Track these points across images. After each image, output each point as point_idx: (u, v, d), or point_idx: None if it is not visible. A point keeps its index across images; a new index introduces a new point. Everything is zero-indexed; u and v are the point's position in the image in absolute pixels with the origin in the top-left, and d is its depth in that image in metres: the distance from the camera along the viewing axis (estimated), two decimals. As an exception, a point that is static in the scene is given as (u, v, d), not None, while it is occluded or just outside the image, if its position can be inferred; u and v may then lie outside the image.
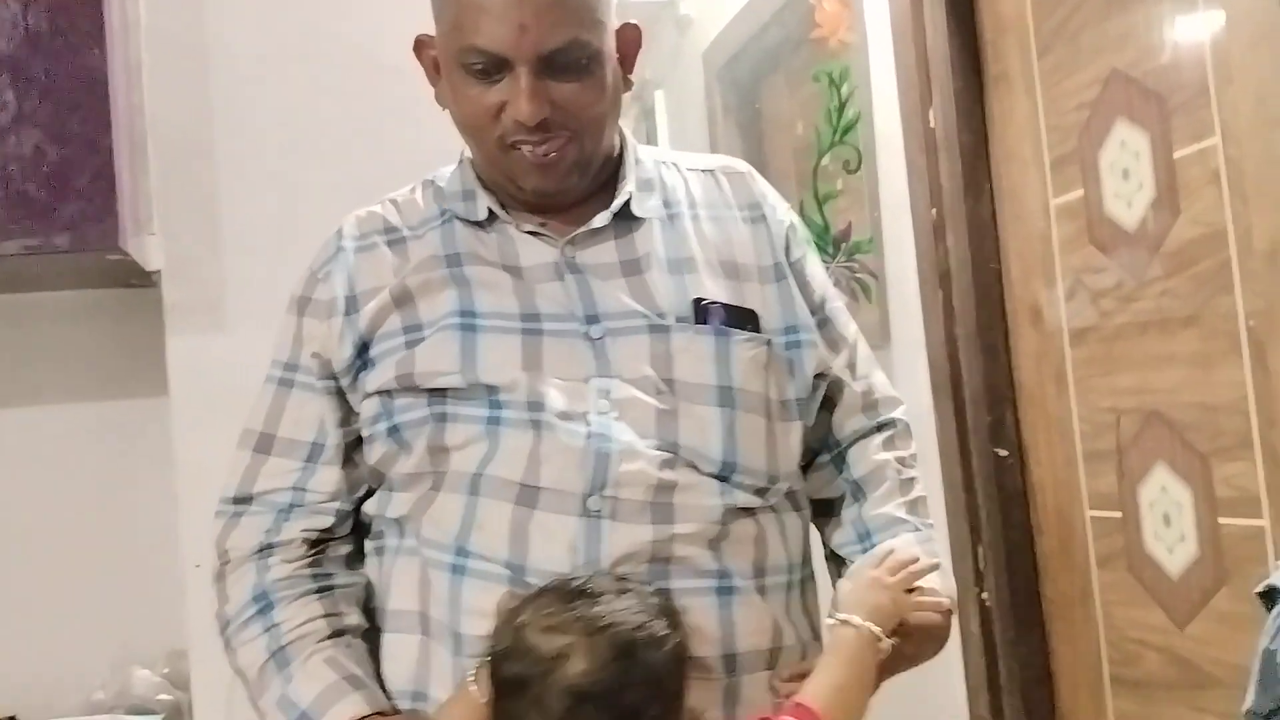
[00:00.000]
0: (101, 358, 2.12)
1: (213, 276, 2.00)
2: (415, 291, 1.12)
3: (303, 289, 1.19)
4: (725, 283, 1.14)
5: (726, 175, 1.23)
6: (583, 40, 1.06)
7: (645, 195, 1.17)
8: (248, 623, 1.10)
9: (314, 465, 1.14)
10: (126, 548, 2.10)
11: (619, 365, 1.07)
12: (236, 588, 1.13)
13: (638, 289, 1.11)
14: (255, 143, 2.02)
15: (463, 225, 1.16)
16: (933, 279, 2.16)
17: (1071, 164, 1.85)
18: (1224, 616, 1.62)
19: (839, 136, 2.34)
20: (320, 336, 1.15)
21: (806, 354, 1.15)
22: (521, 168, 1.10)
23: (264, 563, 1.12)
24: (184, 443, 1.99)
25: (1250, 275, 1.52)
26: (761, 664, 1.05)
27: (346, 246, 1.17)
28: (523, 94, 1.04)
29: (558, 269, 1.12)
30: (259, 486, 1.15)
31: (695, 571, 1.02)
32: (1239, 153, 1.52)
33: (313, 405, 1.15)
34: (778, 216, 1.23)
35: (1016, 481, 2.06)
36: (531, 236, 1.14)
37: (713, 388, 1.08)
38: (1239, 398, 1.55)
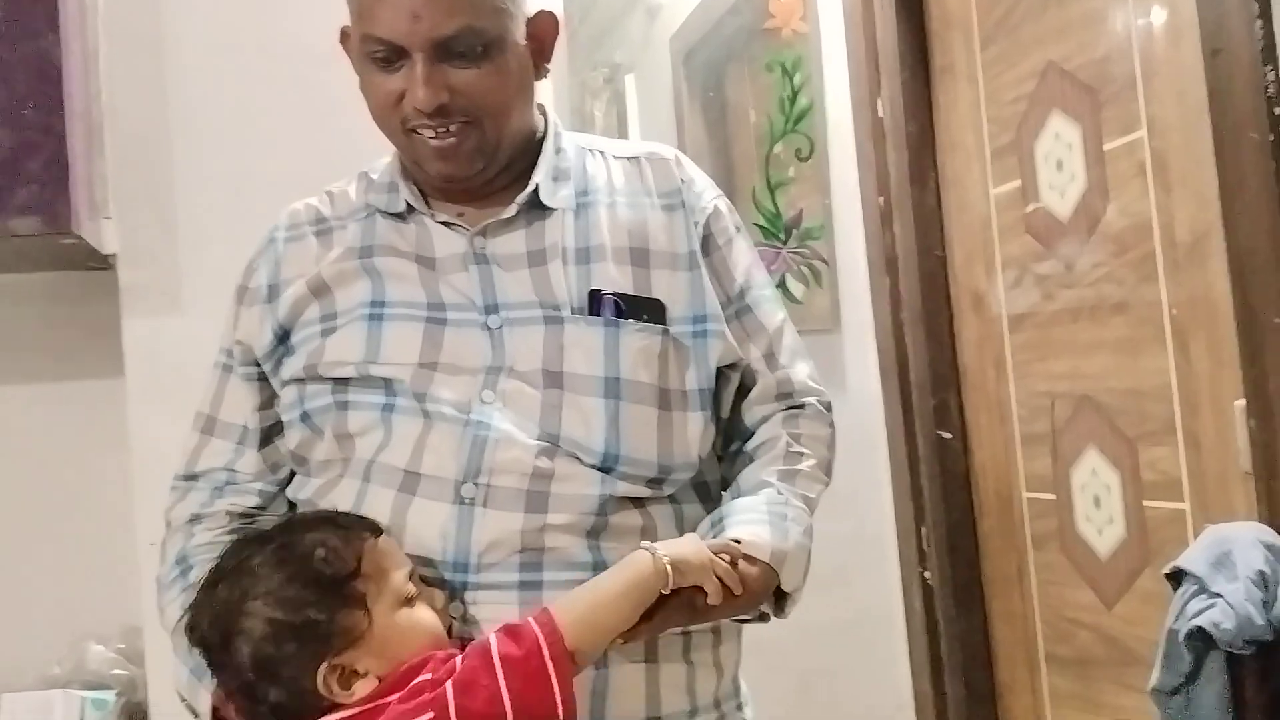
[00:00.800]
0: (58, 339, 2.13)
1: (168, 260, 2.02)
2: (331, 282, 1.15)
3: (242, 278, 1.23)
4: (633, 270, 1.14)
5: (650, 162, 1.22)
6: (477, 28, 1.07)
7: (558, 185, 1.17)
8: (170, 584, 1.16)
9: (243, 448, 1.18)
10: (82, 525, 2.12)
11: (513, 356, 1.09)
12: (167, 553, 1.19)
13: (539, 280, 1.12)
14: (211, 129, 2.03)
15: (383, 217, 1.18)
16: (880, 265, 2.20)
17: (1010, 155, 1.90)
18: (1148, 596, 1.67)
19: (791, 125, 2.37)
20: (246, 324, 1.19)
21: (712, 344, 1.14)
22: (423, 153, 1.11)
23: (190, 530, 1.17)
24: (139, 422, 2.01)
25: (1173, 266, 1.57)
26: (639, 654, 1.04)
27: (278, 237, 1.21)
28: (418, 80, 1.07)
29: (465, 259, 1.13)
30: (201, 466, 1.20)
31: (568, 564, 1.02)
32: (1163, 145, 1.56)
33: (242, 390, 1.19)
34: (700, 203, 1.20)
35: (959, 464, 2.11)
36: (445, 227, 1.16)
37: (599, 379, 1.08)
38: (1163, 384, 1.60)
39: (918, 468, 2.16)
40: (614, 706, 1.03)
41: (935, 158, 2.11)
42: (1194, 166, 1.50)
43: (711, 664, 1.10)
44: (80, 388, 2.11)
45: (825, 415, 1.21)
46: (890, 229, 2.16)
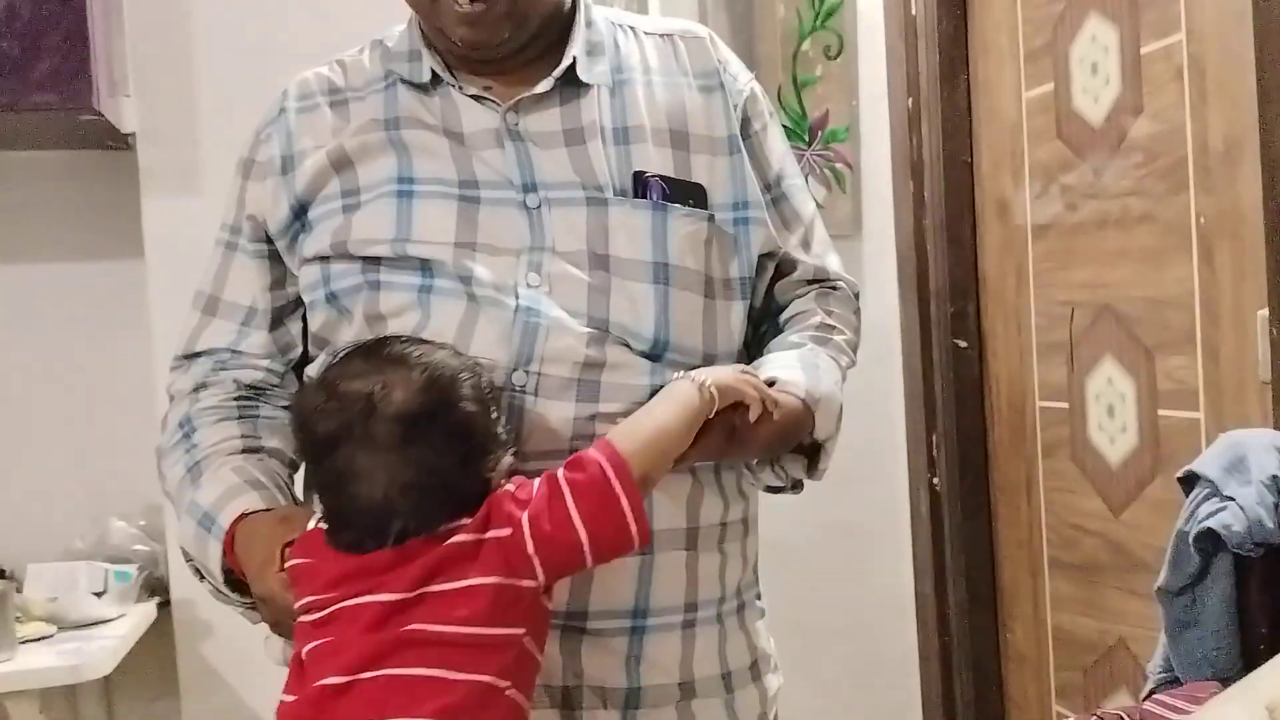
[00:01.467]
0: (78, 219, 2.14)
1: (187, 140, 2.01)
2: (353, 155, 1.09)
3: (248, 151, 1.17)
4: (673, 154, 1.10)
5: (685, 40, 1.17)
6: None
7: (593, 60, 1.12)
8: (172, 448, 1.13)
9: (248, 329, 1.14)
10: (104, 404, 2.16)
11: (554, 237, 1.05)
12: (169, 421, 1.15)
13: (579, 159, 1.08)
14: (229, 6, 2.01)
15: (406, 88, 1.12)
16: (905, 170, 2.18)
17: (1044, 57, 1.86)
18: (1157, 504, 1.68)
19: (820, 21, 2.32)
20: (257, 198, 1.14)
21: (754, 231, 1.12)
22: (450, 19, 1.06)
23: (195, 396, 1.14)
24: (159, 304, 2.02)
25: (1204, 173, 1.55)
26: (680, 542, 1.04)
27: (289, 108, 1.15)
28: None
29: (499, 135, 1.09)
30: (202, 345, 1.16)
31: None
32: (1201, 50, 1.53)
33: (249, 268, 1.14)
34: (737, 86, 1.16)
35: (974, 372, 2.11)
36: (474, 101, 1.10)
37: (647, 264, 1.05)
38: (1185, 293, 1.59)
39: (931, 376, 2.16)
40: (658, 592, 1.03)
41: (967, 59, 2.07)
42: (1232, 72, 1.47)
43: (739, 554, 1.11)
44: (100, 268, 2.12)
45: (854, 302, 1.20)
46: (917, 132, 2.14)
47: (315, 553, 0.95)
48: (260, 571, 1.00)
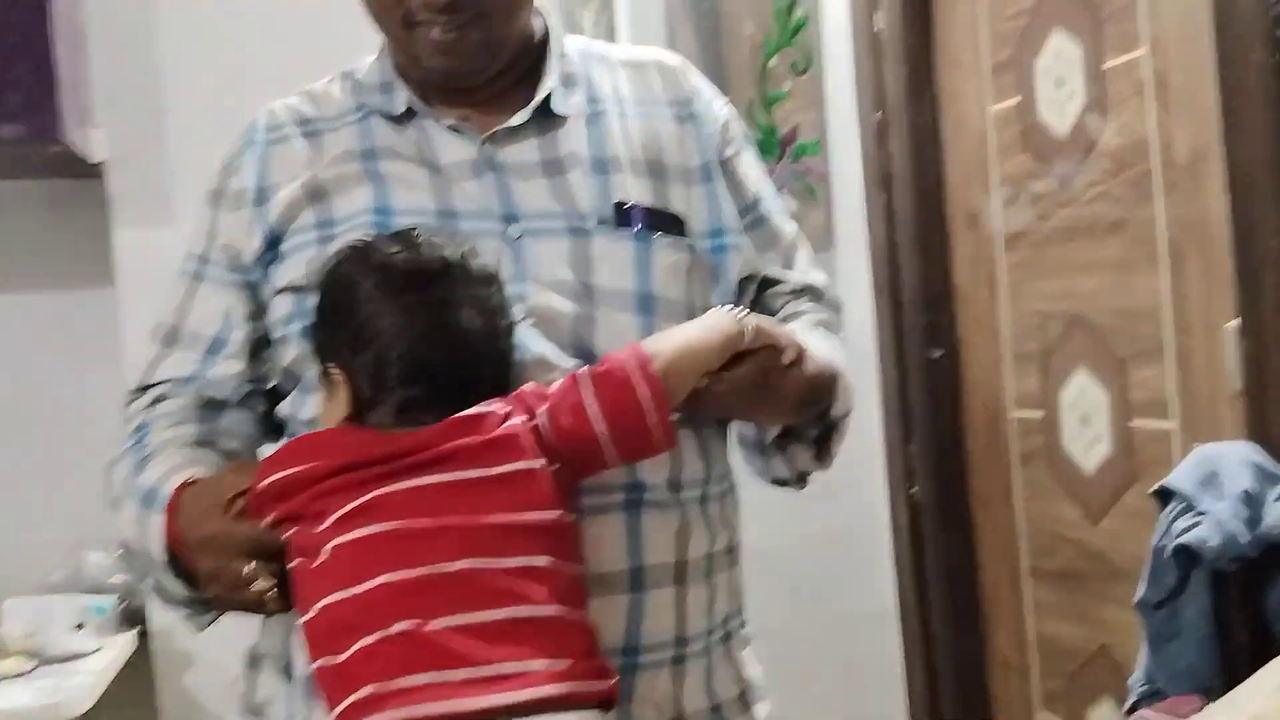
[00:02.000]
0: (48, 249, 2.13)
1: (157, 167, 2.01)
2: (329, 186, 1.08)
3: (217, 181, 1.15)
4: (650, 184, 1.10)
5: (658, 69, 1.18)
6: None
7: (569, 91, 1.12)
8: (124, 454, 1.08)
9: (214, 358, 1.11)
10: (77, 434, 2.13)
11: (536, 268, 1.04)
12: (123, 436, 1.11)
13: (559, 189, 1.08)
14: (198, 32, 2.01)
15: (380, 120, 1.11)
16: (876, 182, 2.19)
17: (1009, 71, 1.88)
18: (1133, 513, 1.70)
19: (788, 38, 2.34)
20: (230, 228, 1.12)
21: (731, 258, 1.12)
22: (424, 48, 1.06)
23: (151, 408, 1.11)
24: (131, 332, 2.01)
25: (1170, 186, 1.57)
26: (669, 578, 1.03)
27: (258, 139, 1.14)
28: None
29: (476, 166, 1.08)
30: (159, 376, 1.13)
31: (603, 487, 0.99)
32: (1164, 64, 1.55)
33: (219, 298, 1.12)
34: (712, 112, 1.17)
35: (949, 381, 2.13)
36: (451, 132, 1.10)
37: (632, 294, 1.05)
38: (1156, 304, 1.61)
39: (907, 385, 2.18)
40: (649, 629, 1.02)
41: (933, 73, 2.09)
42: (1194, 86, 1.49)
43: (727, 585, 1.11)
44: (71, 297, 2.11)
45: (839, 315, 1.21)
46: (886, 146, 2.15)
47: (314, 453, 0.91)
48: (202, 516, 0.95)
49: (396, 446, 0.89)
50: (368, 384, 0.93)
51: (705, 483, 1.08)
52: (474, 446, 0.89)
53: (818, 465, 1.12)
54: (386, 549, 0.85)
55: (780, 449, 1.10)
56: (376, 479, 0.88)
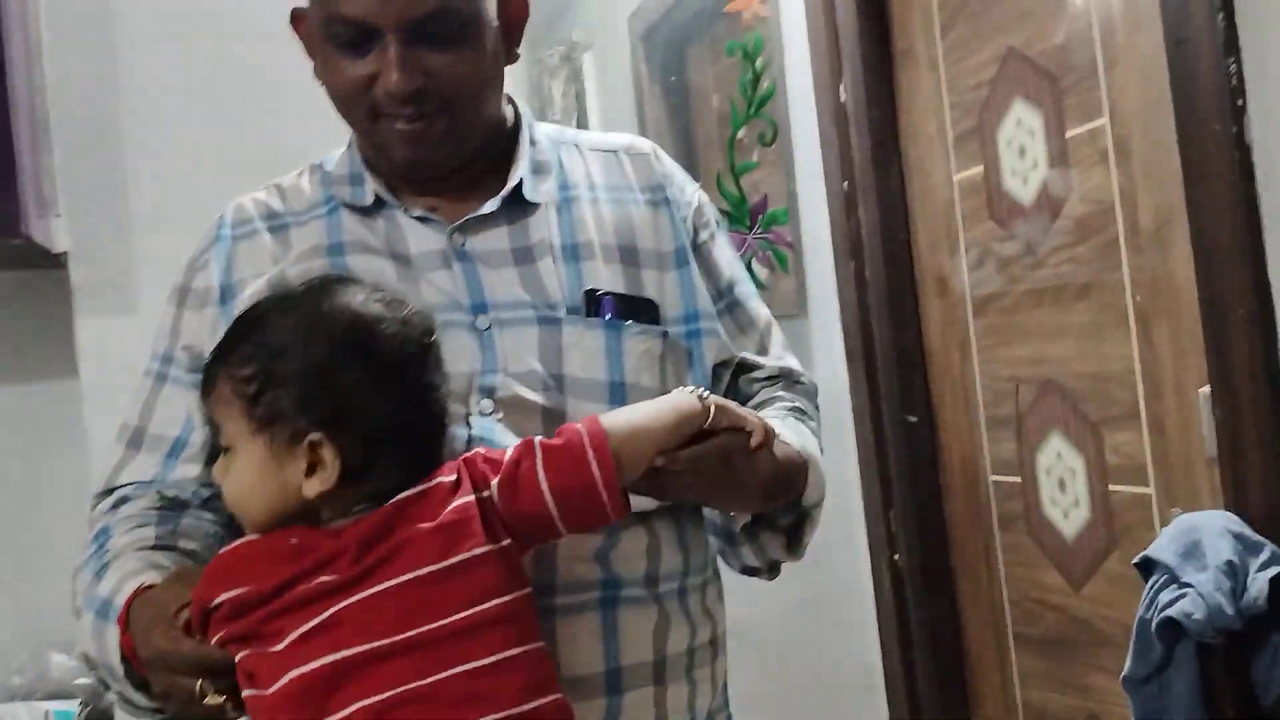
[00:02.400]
0: (10, 340, 2.09)
1: (120, 257, 1.98)
2: (294, 281, 1.03)
3: (183, 279, 1.14)
4: (623, 270, 1.09)
5: (629, 155, 1.18)
6: (454, 6, 1.01)
7: (539, 179, 1.12)
8: (87, 561, 1.06)
9: (173, 461, 1.09)
10: (40, 531, 2.09)
11: (506, 358, 1.03)
12: (87, 540, 1.09)
13: (529, 278, 1.07)
14: (161, 120, 1.99)
15: (349, 212, 1.11)
16: (845, 250, 2.20)
17: (972, 140, 1.90)
18: (1115, 579, 1.69)
19: (754, 110, 2.36)
20: (193, 328, 1.11)
21: (707, 343, 1.11)
22: (390, 139, 1.05)
23: (114, 511, 1.09)
24: (95, 424, 1.97)
25: (1136, 252, 1.58)
26: (648, 678, 1.01)
27: (225, 234, 1.12)
28: (392, 64, 1.00)
29: (445, 256, 1.07)
30: (124, 479, 1.11)
31: (577, 585, 0.98)
32: (1125, 133, 1.57)
33: (180, 400, 1.10)
34: (684, 198, 1.17)
35: (926, 446, 2.12)
36: (419, 223, 1.09)
37: (603, 383, 1.04)
38: (1127, 369, 1.61)
39: (885, 450, 2.17)
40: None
41: (899, 143, 2.10)
42: (1156, 154, 1.51)
43: (709, 679, 1.08)
44: (33, 389, 2.07)
45: (815, 398, 1.19)
46: (855, 213, 2.16)
47: (259, 565, 0.87)
48: (149, 631, 0.92)
49: (344, 544, 0.86)
50: (360, 458, 0.88)
51: (684, 575, 1.06)
52: (425, 536, 0.86)
53: (789, 555, 1.09)
54: (355, 675, 0.82)
55: (750, 537, 1.07)
56: (329, 592, 0.84)
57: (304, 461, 0.88)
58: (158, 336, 1.14)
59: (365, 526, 0.86)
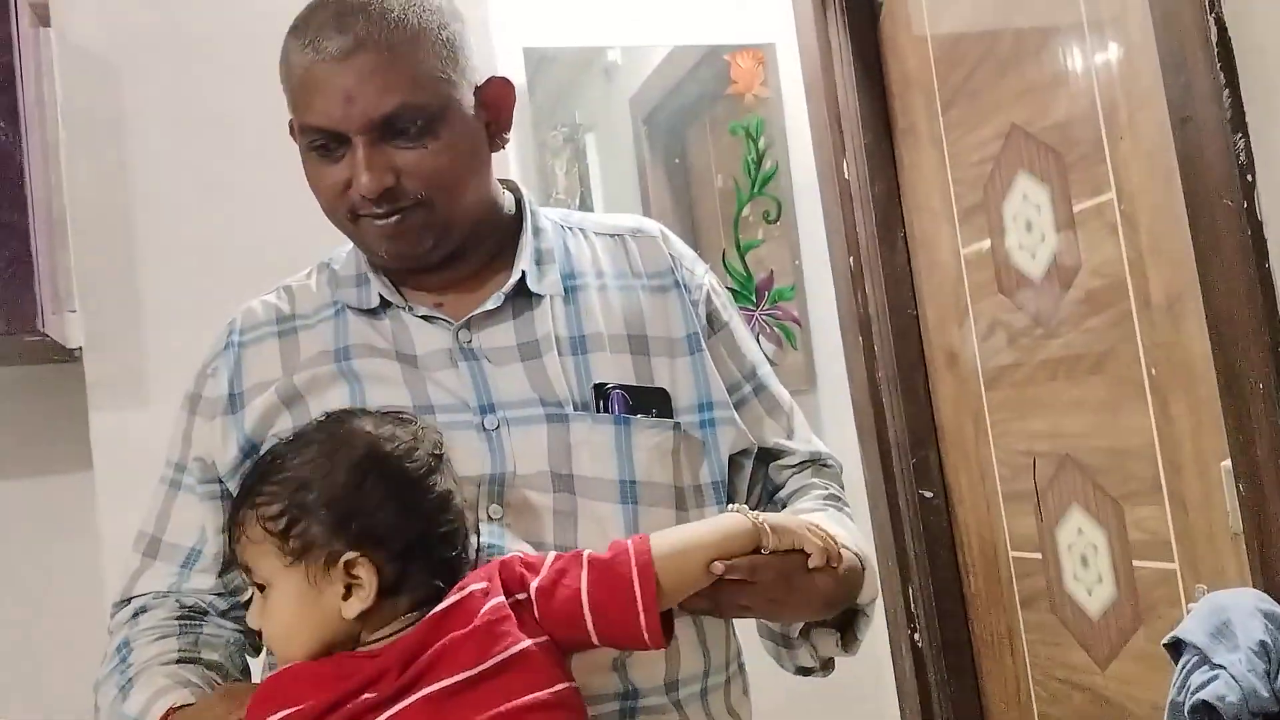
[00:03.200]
0: (24, 434, 2.09)
1: (134, 351, 1.99)
2: (304, 390, 1.06)
3: (194, 385, 1.13)
4: (632, 359, 1.07)
5: (636, 239, 1.15)
6: (416, 103, 1.00)
7: (544, 270, 1.10)
8: (109, 675, 1.05)
9: (187, 571, 1.09)
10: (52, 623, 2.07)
11: (514, 459, 1.01)
12: (108, 651, 1.08)
13: (535, 374, 1.04)
14: (174, 215, 2.01)
15: (355, 314, 1.10)
16: (853, 325, 2.20)
17: (978, 215, 1.91)
18: (1142, 656, 1.66)
19: (758, 188, 2.38)
20: (205, 438, 1.10)
21: (722, 432, 1.07)
22: (370, 238, 1.05)
23: (134, 621, 1.09)
24: (108, 517, 1.97)
25: (1149, 326, 1.58)
26: None
27: (234, 341, 1.12)
28: (360, 166, 1.00)
29: (452, 355, 1.05)
30: (140, 589, 1.11)
31: (591, 695, 0.94)
32: (1133, 208, 1.58)
33: (194, 510, 1.10)
34: (695, 280, 1.14)
35: (942, 522, 2.11)
36: (425, 321, 1.08)
37: (613, 482, 1.01)
38: (1146, 444, 1.60)
39: (901, 527, 2.15)
40: None
41: (903, 218, 2.12)
42: (1165, 229, 1.51)
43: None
44: (48, 483, 2.07)
45: (841, 481, 1.18)
46: (861, 289, 2.17)
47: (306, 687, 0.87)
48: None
49: (386, 663, 0.86)
50: (394, 572, 0.90)
51: (705, 675, 1.04)
52: (460, 641, 0.86)
53: (844, 652, 1.06)
54: None
55: (805, 638, 1.05)
56: (374, 707, 0.84)
57: (341, 584, 0.89)
58: (171, 443, 1.14)
59: (403, 644, 0.87)
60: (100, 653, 1.96)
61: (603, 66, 3.44)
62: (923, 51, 2.01)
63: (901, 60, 2.07)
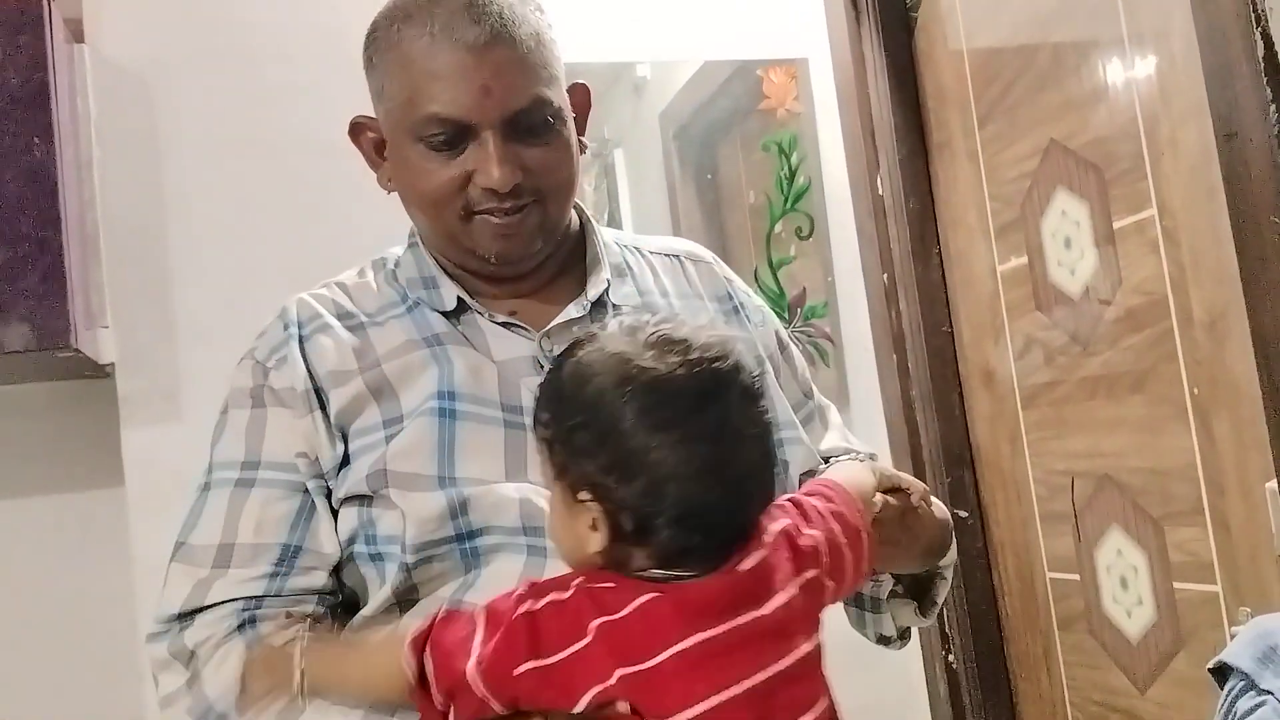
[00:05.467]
0: (56, 450, 2.10)
1: (166, 367, 1.99)
2: (394, 379, 1.01)
3: (251, 378, 1.05)
4: None
5: (692, 262, 1.15)
6: (546, 98, 0.99)
7: (620, 281, 1.09)
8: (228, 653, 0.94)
9: (285, 571, 0.98)
10: (85, 640, 2.07)
11: None
12: (223, 669, 0.95)
13: None
14: (207, 232, 2.02)
15: (430, 311, 1.06)
16: (887, 342, 2.18)
17: (1015, 232, 1.88)
18: (1183, 680, 1.63)
19: (790, 204, 2.36)
20: (301, 432, 1.01)
21: (793, 452, 1.06)
22: (484, 236, 1.01)
23: (253, 633, 0.96)
24: (140, 533, 1.97)
25: (1192, 345, 1.55)
26: None
27: (294, 333, 1.05)
28: (492, 159, 0.97)
29: (537, 363, 1.03)
30: (213, 597, 0.97)
31: None
32: (1174, 224, 1.55)
33: (280, 506, 1.00)
34: (754, 303, 1.15)
35: (978, 542, 2.08)
36: (503, 329, 1.05)
37: None
38: (1188, 464, 1.57)
39: (935, 547, 2.12)
40: None
41: (938, 234, 2.10)
42: (1208, 246, 1.49)
43: None
44: (80, 499, 2.07)
45: None
46: (895, 305, 2.15)
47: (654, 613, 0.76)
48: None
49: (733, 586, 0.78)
50: (633, 523, 0.78)
51: None
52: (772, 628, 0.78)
53: (922, 620, 1.09)
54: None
55: (887, 605, 1.08)
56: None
57: (587, 517, 0.79)
58: (226, 443, 1.04)
59: (732, 576, 0.78)
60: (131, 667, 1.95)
61: (632, 82, 3.44)
62: (959, 65, 1.99)
63: (937, 74, 2.06)
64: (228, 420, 1.05)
